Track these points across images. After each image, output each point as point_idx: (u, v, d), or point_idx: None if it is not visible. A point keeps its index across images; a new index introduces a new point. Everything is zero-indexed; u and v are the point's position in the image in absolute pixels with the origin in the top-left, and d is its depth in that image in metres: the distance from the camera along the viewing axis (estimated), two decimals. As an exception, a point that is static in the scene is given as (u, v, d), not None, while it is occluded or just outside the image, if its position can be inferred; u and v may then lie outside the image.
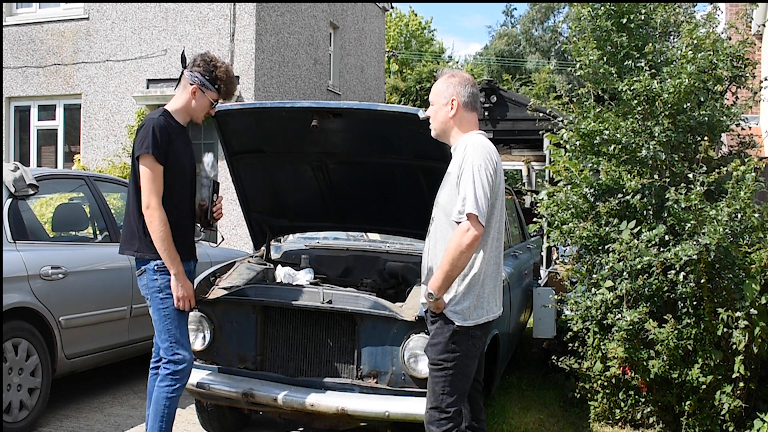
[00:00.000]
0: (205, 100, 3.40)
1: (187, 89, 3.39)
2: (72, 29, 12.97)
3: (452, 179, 2.91)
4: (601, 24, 4.67)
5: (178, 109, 3.42)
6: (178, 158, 3.32)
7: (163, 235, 3.20)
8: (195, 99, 3.40)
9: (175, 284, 3.26)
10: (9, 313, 4.05)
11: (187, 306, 3.31)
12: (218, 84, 3.40)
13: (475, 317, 2.89)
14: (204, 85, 3.38)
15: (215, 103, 3.47)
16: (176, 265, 3.25)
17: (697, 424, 4.15)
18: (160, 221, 3.19)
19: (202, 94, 3.39)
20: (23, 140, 13.54)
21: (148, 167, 3.21)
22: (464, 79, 3.02)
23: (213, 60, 3.43)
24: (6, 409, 4.04)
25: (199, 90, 3.38)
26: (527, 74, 36.27)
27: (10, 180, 4.37)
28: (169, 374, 3.28)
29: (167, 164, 3.26)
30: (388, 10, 19.53)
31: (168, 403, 3.27)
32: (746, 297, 3.89)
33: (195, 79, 3.38)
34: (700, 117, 4.42)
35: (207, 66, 3.39)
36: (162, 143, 3.23)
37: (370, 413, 3.39)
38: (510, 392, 5.17)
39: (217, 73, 3.39)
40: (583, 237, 4.42)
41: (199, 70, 3.38)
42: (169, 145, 3.27)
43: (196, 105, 3.41)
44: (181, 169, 3.35)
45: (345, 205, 4.47)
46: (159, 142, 3.22)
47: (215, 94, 3.42)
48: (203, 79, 3.37)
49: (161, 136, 3.23)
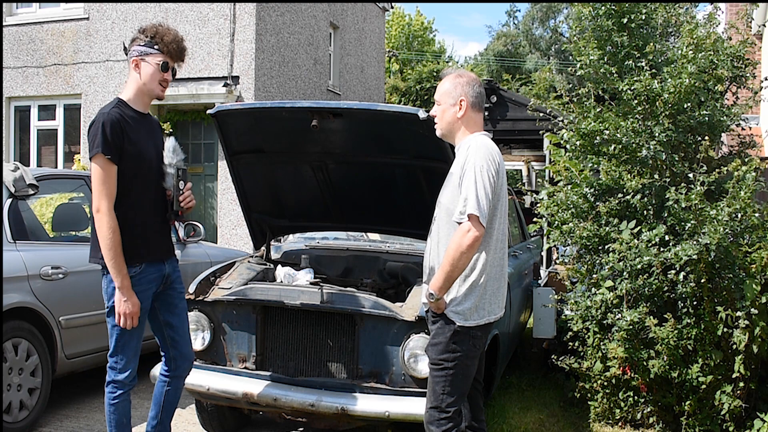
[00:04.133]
0: (150, 67, 3.08)
1: (131, 69, 3.12)
2: (72, 29, 12.97)
3: (454, 179, 2.91)
4: (601, 24, 4.67)
5: (132, 94, 3.13)
6: (138, 151, 3.05)
7: (109, 243, 2.93)
8: (140, 72, 3.09)
9: (118, 298, 2.99)
10: (9, 313, 4.05)
11: (129, 325, 3.00)
12: (156, 44, 3.07)
13: (477, 318, 2.88)
14: (143, 53, 3.08)
15: (166, 66, 3.11)
16: (121, 277, 2.96)
17: (697, 424, 4.15)
18: (108, 228, 2.93)
19: (146, 64, 3.08)
20: (23, 140, 13.54)
21: (99, 168, 2.95)
22: (472, 80, 3.02)
23: (144, 28, 3.14)
24: (6, 409, 4.04)
25: (141, 61, 3.08)
26: (527, 74, 36.26)
27: (10, 180, 4.37)
28: (109, 382, 3.13)
29: (123, 160, 2.99)
30: (389, 10, 19.53)
31: (111, 409, 3.13)
32: (746, 297, 3.89)
33: (133, 52, 3.10)
34: (700, 117, 4.42)
35: (141, 35, 3.11)
36: (114, 139, 2.95)
37: (370, 413, 3.39)
38: (510, 392, 5.17)
39: (148, 33, 3.09)
40: (583, 237, 4.42)
41: (136, 43, 3.12)
42: (124, 139, 2.99)
43: (144, 77, 3.09)
44: (141, 162, 3.07)
45: (345, 205, 4.47)
46: (110, 138, 2.94)
47: (159, 55, 3.08)
48: (139, 47, 3.09)
49: (112, 132, 2.95)
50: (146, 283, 3.12)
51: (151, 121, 3.26)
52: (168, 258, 3.26)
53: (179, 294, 3.34)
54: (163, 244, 3.22)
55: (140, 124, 3.12)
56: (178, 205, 3.17)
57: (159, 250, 3.19)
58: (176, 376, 3.34)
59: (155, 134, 3.22)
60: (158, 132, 3.27)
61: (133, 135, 3.05)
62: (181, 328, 3.32)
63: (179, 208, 3.17)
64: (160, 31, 3.10)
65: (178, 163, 3.16)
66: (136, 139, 3.06)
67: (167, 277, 3.25)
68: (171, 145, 3.18)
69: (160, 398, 3.34)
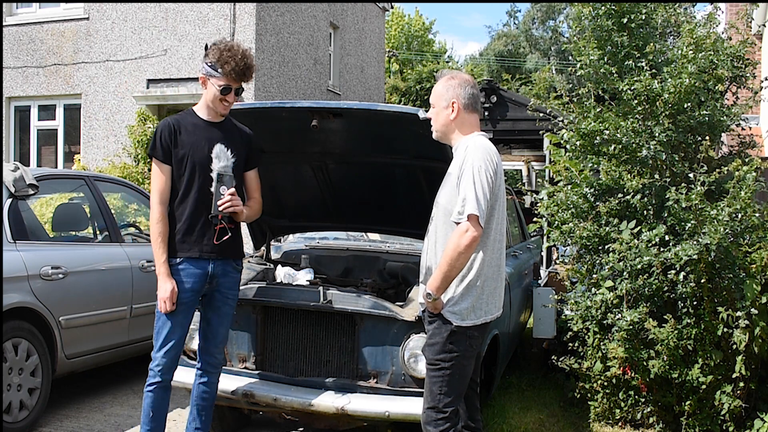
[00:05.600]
0: (212, 89, 3.33)
1: (201, 83, 3.39)
2: (72, 29, 12.97)
3: (452, 180, 2.90)
4: (601, 24, 4.67)
5: (201, 104, 3.41)
6: (185, 154, 3.29)
7: (152, 232, 3.26)
8: (206, 90, 3.36)
9: (159, 284, 3.25)
10: (9, 313, 4.05)
11: (163, 308, 3.23)
12: (219, 68, 3.28)
13: (474, 318, 2.88)
14: (208, 74, 3.33)
15: (226, 88, 3.32)
16: (159, 264, 3.23)
17: (697, 424, 4.14)
18: (153, 219, 3.26)
19: (210, 83, 3.33)
20: (23, 140, 13.54)
21: (153, 167, 3.32)
22: (464, 81, 3.02)
23: (216, 44, 3.35)
24: (6, 409, 4.04)
25: (207, 80, 3.34)
26: (527, 74, 36.27)
27: (10, 180, 4.37)
28: (150, 368, 3.31)
29: (174, 161, 3.29)
30: (388, 10, 19.53)
31: (144, 395, 3.30)
32: (746, 297, 3.89)
33: (202, 70, 3.37)
34: (700, 117, 4.42)
35: (211, 53, 3.33)
36: (163, 142, 3.27)
37: (370, 413, 3.39)
38: (510, 392, 5.17)
39: (216, 57, 3.29)
40: (583, 237, 4.42)
41: (205, 60, 3.35)
42: (176, 142, 3.28)
43: (208, 95, 3.36)
44: (188, 165, 3.29)
45: (345, 205, 4.47)
46: (158, 142, 3.28)
47: (219, 79, 3.30)
48: (207, 67, 3.33)
49: (162, 135, 3.27)
50: (185, 276, 3.28)
51: (229, 128, 3.45)
52: (214, 258, 3.34)
53: (225, 299, 3.44)
54: (207, 244, 3.32)
55: (203, 130, 3.36)
56: (216, 209, 3.30)
57: (201, 249, 3.31)
58: (203, 371, 3.45)
59: (228, 141, 3.38)
60: (235, 139, 3.43)
61: (186, 139, 3.30)
62: (216, 328, 3.43)
63: (217, 212, 3.30)
64: (224, 57, 3.28)
65: (219, 169, 3.32)
66: (188, 143, 3.30)
67: (213, 278, 3.35)
68: (216, 152, 3.34)
69: (194, 398, 3.48)
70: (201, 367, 3.46)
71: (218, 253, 3.34)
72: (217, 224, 3.32)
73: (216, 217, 3.30)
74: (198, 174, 3.30)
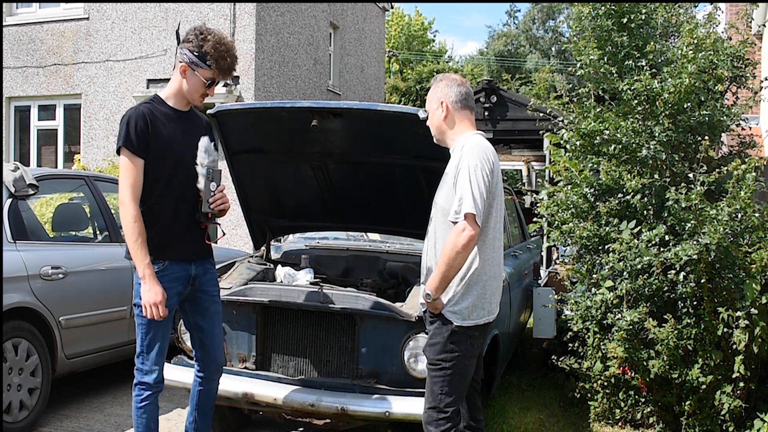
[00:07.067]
0: (196, 80, 3.02)
1: (178, 69, 3.04)
2: (72, 29, 12.97)
3: (449, 180, 2.90)
4: (601, 23, 4.67)
5: (171, 93, 3.09)
6: (165, 147, 3.00)
7: (131, 233, 2.88)
8: (186, 79, 3.04)
9: (143, 289, 2.92)
10: (9, 313, 4.05)
11: (155, 314, 2.90)
12: (209, 60, 2.99)
13: (475, 317, 2.88)
14: (194, 63, 3.00)
15: (211, 82, 3.05)
16: (143, 267, 2.90)
17: (697, 424, 4.14)
18: (130, 217, 2.89)
19: (193, 73, 3.01)
20: (23, 140, 13.54)
21: (124, 160, 2.95)
22: (451, 80, 3.02)
23: (203, 33, 3.01)
24: (6, 409, 4.04)
25: (189, 68, 3.01)
26: (527, 74, 36.28)
27: (10, 180, 4.37)
28: (136, 384, 3.08)
29: (149, 155, 2.96)
30: (388, 10, 19.53)
31: (139, 412, 3.06)
32: (746, 297, 3.89)
33: (184, 56, 3.01)
34: (700, 117, 4.42)
35: (197, 40, 3.00)
36: (139, 133, 2.93)
37: (370, 413, 3.39)
38: (510, 392, 5.17)
39: (206, 48, 2.98)
40: (583, 237, 4.42)
41: (188, 46, 3.00)
42: (152, 134, 2.96)
43: (188, 86, 3.04)
44: (168, 158, 3.01)
45: (345, 205, 4.47)
46: (132, 132, 2.93)
47: (207, 71, 3.01)
48: (192, 55, 2.99)
49: (137, 126, 2.93)
50: (169, 281, 3.04)
51: (195, 119, 3.18)
52: (196, 259, 3.15)
53: (211, 297, 3.27)
54: (190, 244, 3.12)
55: (175, 121, 3.07)
56: (207, 207, 3.07)
57: (185, 250, 3.10)
58: (206, 378, 3.30)
59: (196, 132, 3.12)
60: (201, 130, 3.16)
61: (163, 131, 3.01)
62: (210, 332, 3.25)
63: (209, 210, 3.07)
64: (217, 51, 3.00)
65: (209, 164, 3.07)
66: (165, 135, 3.01)
67: (195, 279, 3.16)
68: (203, 145, 3.08)
69: (194, 399, 3.35)
70: (206, 375, 3.30)
71: (201, 253, 3.17)
72: (207, 223, 3.12)
73: (206, 215, 3.08)
74: (184, 170, 3.04)
